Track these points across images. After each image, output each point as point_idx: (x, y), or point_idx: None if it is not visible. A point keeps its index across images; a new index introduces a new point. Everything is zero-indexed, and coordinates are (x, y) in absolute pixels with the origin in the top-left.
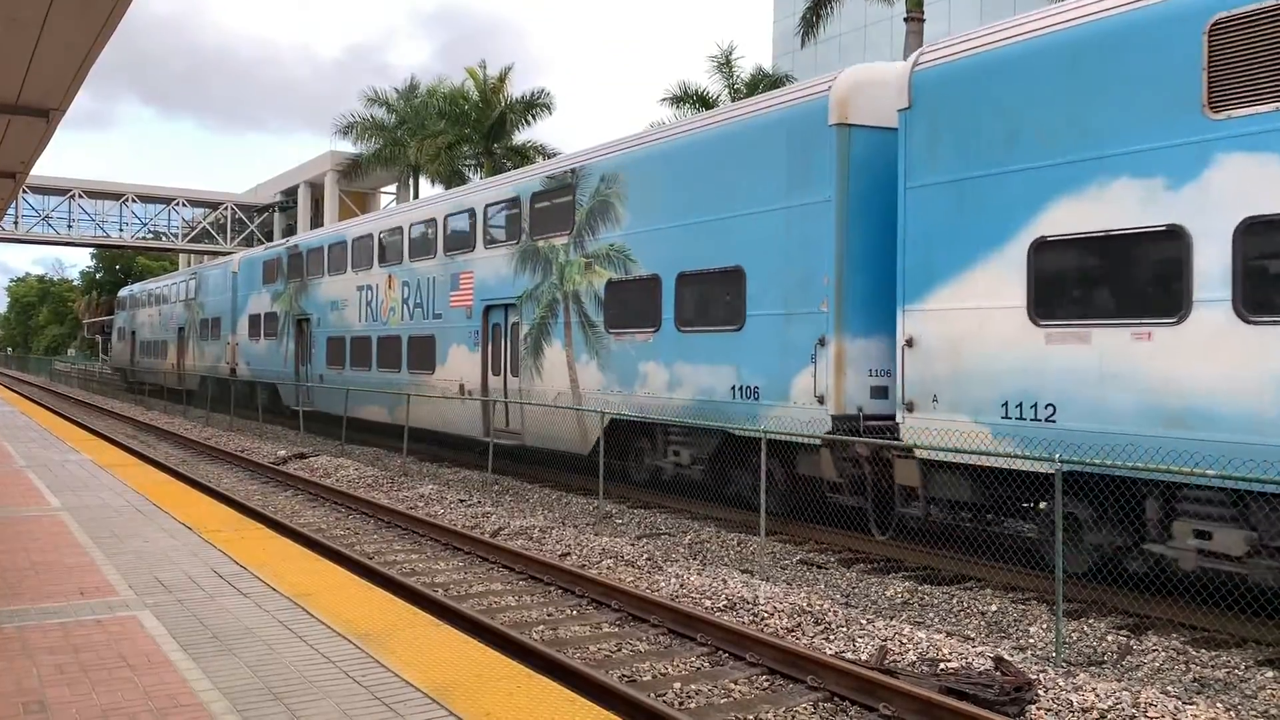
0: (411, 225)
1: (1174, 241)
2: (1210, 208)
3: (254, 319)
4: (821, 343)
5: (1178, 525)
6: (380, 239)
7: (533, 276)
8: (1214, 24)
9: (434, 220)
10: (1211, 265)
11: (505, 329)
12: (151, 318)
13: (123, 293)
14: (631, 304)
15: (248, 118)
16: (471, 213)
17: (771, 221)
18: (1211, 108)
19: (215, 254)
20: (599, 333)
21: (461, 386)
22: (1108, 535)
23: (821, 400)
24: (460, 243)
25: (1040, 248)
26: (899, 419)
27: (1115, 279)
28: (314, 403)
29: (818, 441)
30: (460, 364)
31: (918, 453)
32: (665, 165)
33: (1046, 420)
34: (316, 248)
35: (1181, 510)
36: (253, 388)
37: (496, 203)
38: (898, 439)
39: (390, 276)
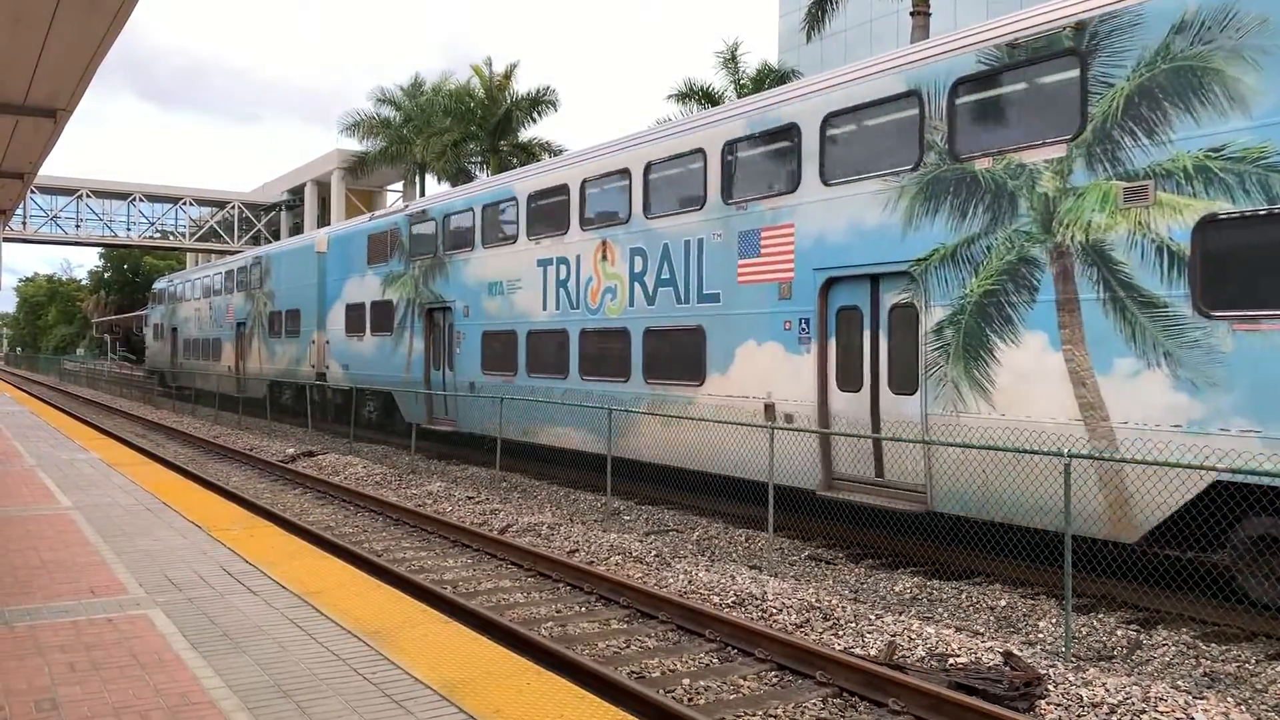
0: (652, 165)
1: None
2: None
3: (354, 310)
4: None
5: None
6: (584, 191)
7: (962, 222)
8: None
9: (701, 152)
10: None
11: (874, 314)
12: (199, 312)
13: (160, 284)
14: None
15: (246, 114)
16: (793, 131)
17: None
18: None
19: (223, 253)
20: (1173, 316)
21: (769, 407)
22: None
23: None
24: (763, 182)
25: None
26: None
27: None
28: (457, 418)
29: None
30: (761, 371)
31: None
32: None
33: None
34: (462, 210)
35: None
36: (350, 396)
37: (859, 107)
38: None
39: (605, 243)
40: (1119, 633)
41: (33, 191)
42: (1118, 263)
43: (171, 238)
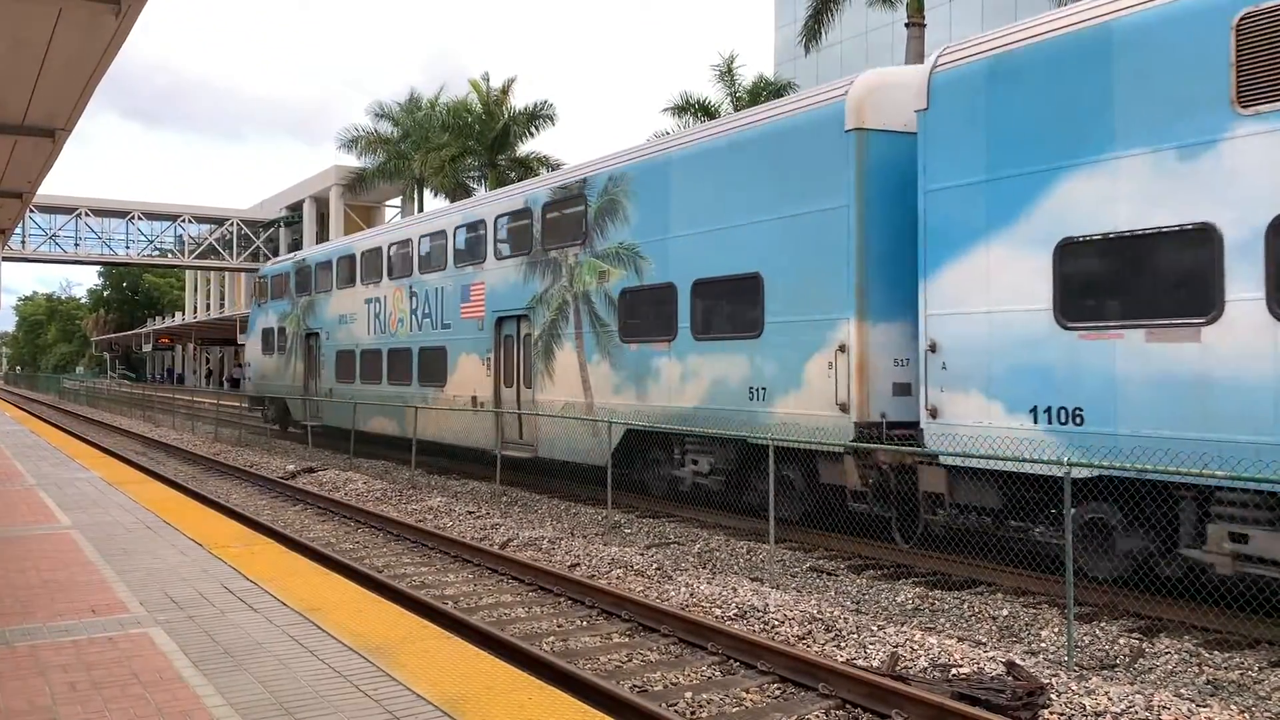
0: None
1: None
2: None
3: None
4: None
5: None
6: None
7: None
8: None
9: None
10: None
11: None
12: (381, 303)
13: (276, 266)
14: None
15: (230, 131)
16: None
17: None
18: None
19: (221, 270)
20: None
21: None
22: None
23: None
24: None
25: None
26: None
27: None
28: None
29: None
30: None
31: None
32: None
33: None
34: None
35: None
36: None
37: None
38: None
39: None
40: (1121, 641)
41: (31, 210)
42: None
43: (170, 255)
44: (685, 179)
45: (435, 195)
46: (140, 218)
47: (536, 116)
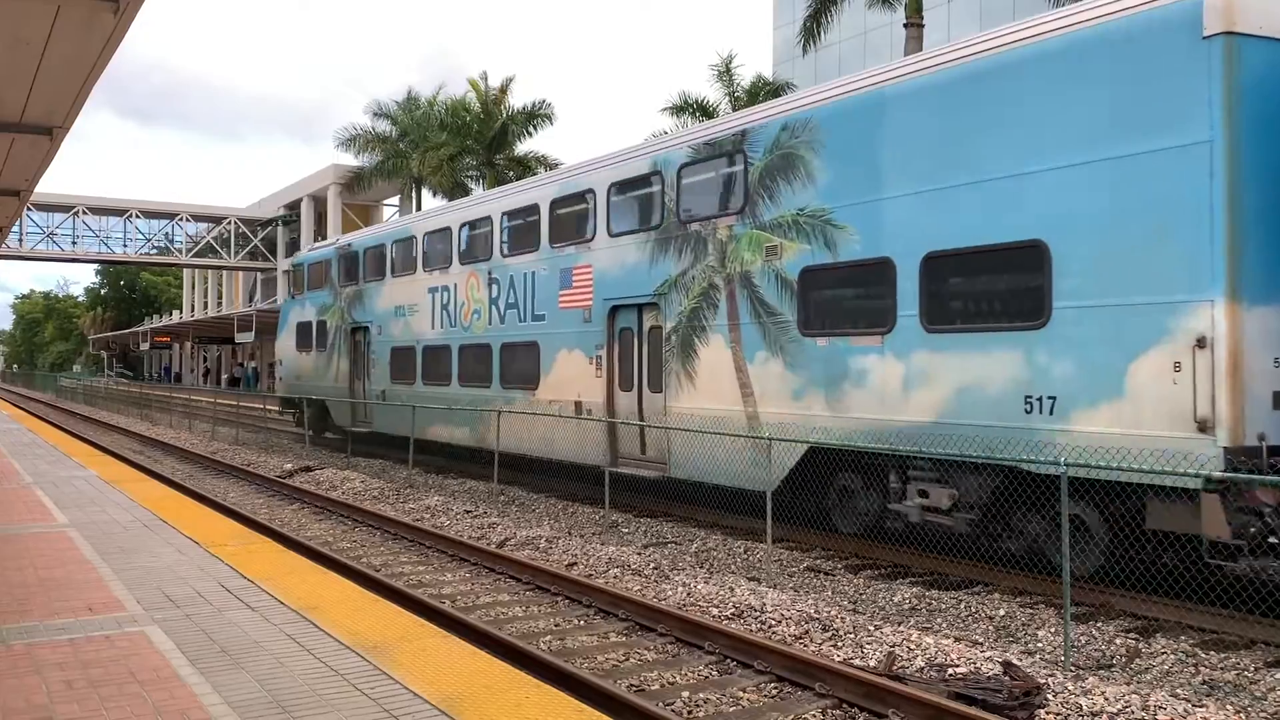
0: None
1: None
2: None
3: None
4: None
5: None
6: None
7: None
8: None
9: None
10: None
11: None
12: (448, 293)
13: (314, 253)
14: None
15: (226, 130)
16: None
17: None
18: None
19: (220, 269)
20: None
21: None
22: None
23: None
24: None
25: None
26: None
27: None
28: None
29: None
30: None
31: None
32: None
33: None
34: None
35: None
36: None
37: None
38: None
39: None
40: (1118, 641)
41: (29, 208)
42: None
43: (169, 254)
44: (910, 121)
45: (434, 195)
46: (138, 216)
47: (535, 116)
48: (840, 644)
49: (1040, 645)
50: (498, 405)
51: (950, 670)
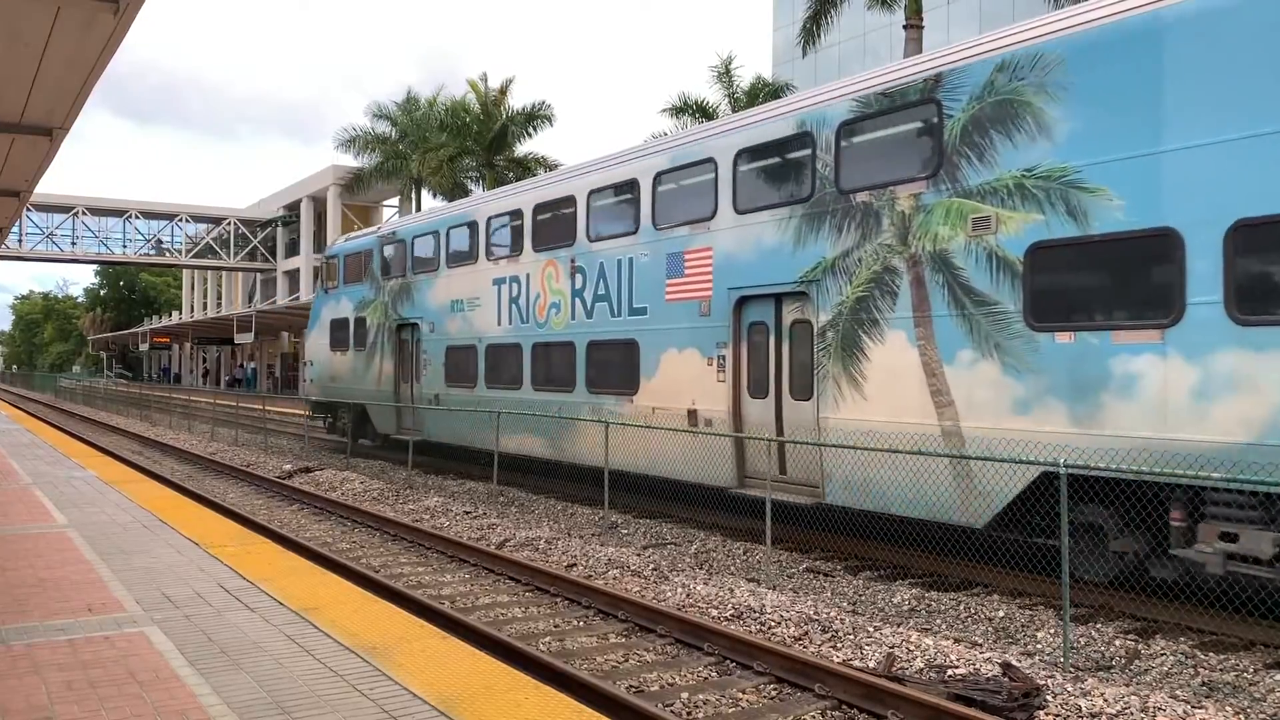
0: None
1: None
2: None
3: None
4: None
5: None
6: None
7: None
8: None
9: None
10: None
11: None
12: (526, 279)
13: (354, 242)
14: None
15: (224, 130)
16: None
17: None
18: None
19: (219, 269)
20: None
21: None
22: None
23: None
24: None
25: None
26: None
27: None
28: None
29: None
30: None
31: None
32: None
33: None
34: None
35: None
36: None
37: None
38: None
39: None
40: (1117, 643)
41: (28, 209)
42: None
43: (168, 254)
44: (1209, 49)
45: (434, 196)
46: (137, 216)
47: (534, 117)
48: (839, 645)
49: (1039, 646)
50: (583, 413)
51: (949, 671)
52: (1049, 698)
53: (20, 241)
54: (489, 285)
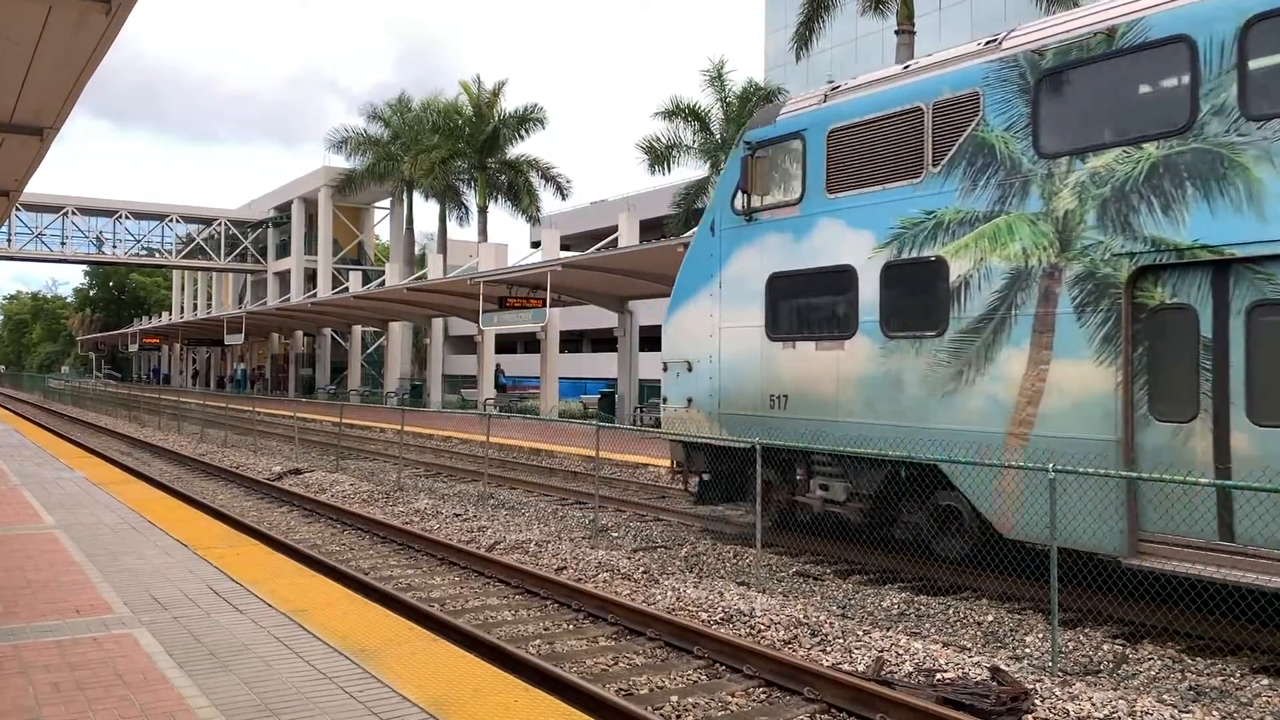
0: None
1: None
2: None
3: None
4: None
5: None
6: None
7: None
8: None
9: None
10: None
11: None
12: None
13: (839, 106)
14: None
15: (203, 131)
16: None
17: None
18: None
19: (210, 270)
20: None
21: None
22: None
23: None
24: None
25: None
26: None
27: None
28: None
29: None
30: None
31: None
32: None
33: None
34: None
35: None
36: None
37: None
38: None
39: None
40: (1105, 647)
41: (18, 209)
42: None
43: (158, 255)
44: None
45: (426, 198)
46: (127, 217)
47: (527, 120)
48: (829, 649)
49: (1028, 651)
50: None
51: (938, 675)
52: (1037, 702)
53: (9, 241)
54: None
